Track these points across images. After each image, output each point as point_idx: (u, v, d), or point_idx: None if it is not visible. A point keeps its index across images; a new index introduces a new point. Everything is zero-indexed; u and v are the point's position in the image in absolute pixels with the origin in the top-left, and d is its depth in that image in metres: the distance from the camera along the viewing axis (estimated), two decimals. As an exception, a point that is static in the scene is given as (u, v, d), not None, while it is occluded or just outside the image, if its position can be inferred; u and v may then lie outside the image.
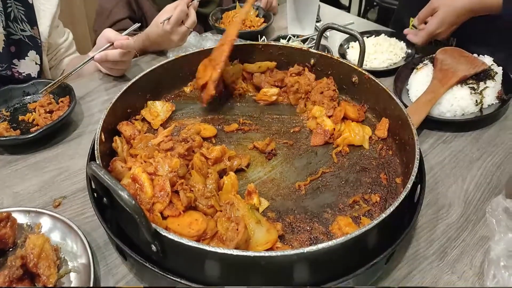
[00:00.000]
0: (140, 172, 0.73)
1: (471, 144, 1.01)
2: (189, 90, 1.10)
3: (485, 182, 0.90)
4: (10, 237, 0.73)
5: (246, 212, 0.71)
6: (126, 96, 0.93)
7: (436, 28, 1.21)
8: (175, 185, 0.73)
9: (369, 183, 0.84)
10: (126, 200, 0.58)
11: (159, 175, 0.73)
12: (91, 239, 0.76)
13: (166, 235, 0.61)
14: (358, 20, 1.64)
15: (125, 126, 0.91)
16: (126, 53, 1.18)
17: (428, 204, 0.85)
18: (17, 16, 1.21)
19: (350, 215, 0.77)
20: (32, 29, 1.24)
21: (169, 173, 0.74)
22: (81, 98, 1.17)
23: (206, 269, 0.63)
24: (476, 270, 0.73)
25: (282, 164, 0.89)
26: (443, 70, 1.10)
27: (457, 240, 0.78)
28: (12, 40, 1.21)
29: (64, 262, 0.72)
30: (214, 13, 1.57)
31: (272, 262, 0.60)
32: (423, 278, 0.72)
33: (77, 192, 0.89)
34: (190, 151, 0.82)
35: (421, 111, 1.01)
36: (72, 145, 1.02)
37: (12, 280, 0.65)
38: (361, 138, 0.92)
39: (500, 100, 1.08)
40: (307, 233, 0.74)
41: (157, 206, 0.70)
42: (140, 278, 0.72)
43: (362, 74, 0.98)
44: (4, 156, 0.98)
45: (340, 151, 0.92)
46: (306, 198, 0.81)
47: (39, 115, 1.05)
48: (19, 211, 0.78)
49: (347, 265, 0.63)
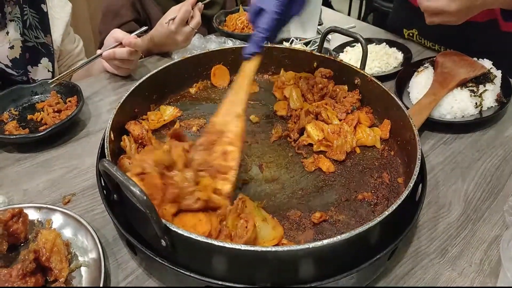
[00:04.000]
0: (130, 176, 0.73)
1: (470, 145, 1.03)
2: (194, 91, 1.12)
3: (485, 183, 0.92)
4: (22, 232, 0.75)
5: (253, 210, 0.73)
6: (134, 96, 0.95)
7: (448, 3, 1.02)
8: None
9: (372, 182, 0.87)
10: (138, 196, 0.60)
11: (148, 172, 0.71)
12: (100, 235, 0.78)
13: (176, 230, 0.63)
14: (360, 24, 1.66)
15: (133, 125, 0.93)
16: (133, 52, 1.20)
17: (429, 203, 0.87)
18: (32, 23, 1.24)
19: (353, 212, 0.79)
20: (46, 36, 1.27)
21: (155, 167, 0.74)
22: (88, 98, 1.19)
23: (214, 263, 0.65)
24: (476, 267, 0.75)
25: (286, 163, 0.91)
26: (443, 73, 1.13)
27: (457, 238, 0.80)
28: (26, 47, 1.23)
29: (74, 257, 0.74)
30: (218, 16, 1.60)
31: (278, 257, 0.62)
32: (425, 274, 0.74)
33: (86, 189, 0.91)
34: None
35: (422, 113, 1.03)
36: (80, 144, 1.04)
37: (26, 274, 0.66)
38: (373, 138, 0.94)
39: (499, 102, 1.10)
40: (312, 230, 0.76)
41: (154, 202, 0.70)
42: (149, 273, 0.74)
43: (365, 76, 1.00)
44: (13, 154, 1.00)
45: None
46: (311, 196, 0.83)
47: (47, 114, 1.07)
48: (30, 207, 0.79)
49: (351, 260, 0.65)
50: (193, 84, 1.13)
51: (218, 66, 1.14)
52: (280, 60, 1.15)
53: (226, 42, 1.42)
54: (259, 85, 1.15)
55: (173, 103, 1.06)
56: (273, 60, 1.15)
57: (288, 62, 1.14)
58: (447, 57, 1.17)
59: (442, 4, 1.02)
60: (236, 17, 1.58)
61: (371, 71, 1.30)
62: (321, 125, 0.96)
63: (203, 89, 1.13)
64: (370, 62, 1.32)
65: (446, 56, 1.18)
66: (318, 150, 0.93)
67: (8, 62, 1.20)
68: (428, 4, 1.05)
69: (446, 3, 1.02)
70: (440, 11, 1.04)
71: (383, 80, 1.24)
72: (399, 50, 1.39)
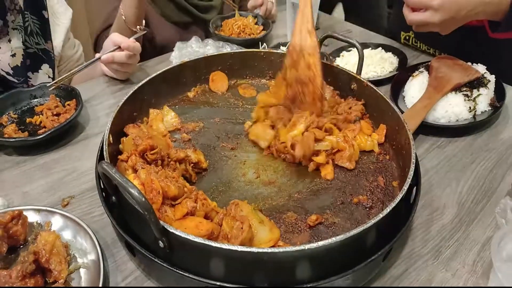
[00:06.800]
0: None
1: (464, 149, 1.04)
2: (192, 95, 1.14)
3: (478, 186, 0.94)
4: (22, 234, 0.76)
5: (249, 213, 0.74)
6: (132, 99, 0.96)
7: (431, 15, 1.03)
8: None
9: (368, 186, 0.88)
10: (136, 197, 0.61)
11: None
12: (99, 237, 0.78)
13: (174, 231, 0.64)
14: (356, 28, 1.68)
15: (132, 128, 0.94)
16: (132, 56, 1.22)
17: (423, 205, 0.89)
18: (33, 30, 1.25)
19: (349, 215, 0.81)
20: (46, 42, 1.28)
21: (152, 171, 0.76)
22: (87, 101, 1.20)
23: (212, 264, 0.66)
24: (469, 268, 0.76)
25: (283, 167, 0.93)
26: (438, 77, 1.14)
27: (450, 240, 0.82)
28: (27, 53, 1.24)
29: (74, 258, 0.75)
30: (214, 21, 1.61)
31: (274, 258, 0.63)
32: (419, 275, 0.75)
33: (85, 192, 0.91)
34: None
35: (417, 117, 1.05)
36: (79, 147, 1.05)
37: (25, 275, 0.67)
38: (371, 143, 0.95)
39: (493, 107, 1.12)
40: (308, 233, 0.78)
41: (153, 207, 0.72)
42: (147, 274, 0.75)
43: (361, 81, 1.02)
44: (12, 157, 1.01)
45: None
46: (307, 199, 0.85)
47: (46, 118, 1.08)
48: (30, 210, 0.80)
49: (346, 262, 0.66)
50: (192, 88, 1.14)
51: (216, 72, 1.15)
52: (277, 65, 1.16)
53: (224, 46, 1.43)
54: (256, 89, 1.17)
55: (171, 107, 1.07)
56: (271, 65, 1.16)
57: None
58: (442, 62, 1.19)
59: (425, 17, 1.04)
60: (232, 22, 1.59)
61: (367, 76, 1.31)
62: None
63: (201, 93, 1.14)
64: (365, 66, 1.32)
65: (440, 61, 1.19)
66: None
67: (9, 70, 1.21)
68: (412, 17, 1.07)
69: (429, 15, 1.03)
70: (425, 23, 1.06)
71: (379, 84, 1.25)
72: (395, 55, 1.40)
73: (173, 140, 0.97)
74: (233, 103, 1.12)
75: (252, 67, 1.18)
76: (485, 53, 1.24)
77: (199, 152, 0.92)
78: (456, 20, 1.06)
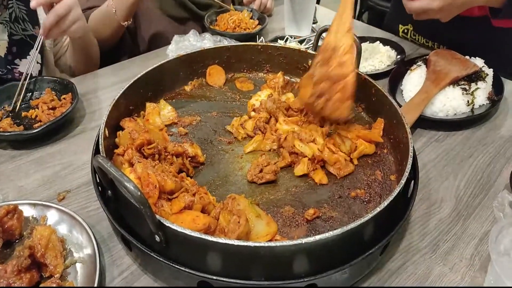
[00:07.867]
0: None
1: (462, 142, 1.04)
2: (189, 89, 1.13)
3: (476, 179, 0.94)
4: (17, 228, 0.75)
5: (247, 207, 0.74)
6: (129, 93, 0.96)
7: (430, 1, 1.03)
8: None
9: (365, 180, 0.88)
10: (132, 191, 0.60)
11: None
12: (95, 231, 0.78)
13: (169, 225, 0.63)
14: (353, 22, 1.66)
15: (128, 122, 0.93)
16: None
17: (421, 199, 0.89)
18: (19, 16, 1.23)
19: (346, 209, 0.80)
20: (34, 28, 1.26)
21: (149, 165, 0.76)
22: (83, 95, 1.19)
23: (208, 258, 0.66)
24: (467, 262, 0.76)
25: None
26: (436, 71, 1.14)
27: (448, 233, 0.81)
28: (13, 40, 1.22)
29: (69, 253, 0.74)
30: (209, 15, 1.59)
31: (271, 253, 0.63)
32: (416, 269, 0.75)
33: (81, 186, 0.91)
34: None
35: (415, 111, 1.04)
36: (74, 141, 1.04)
37: (21, 270, 0.67)
38: (372, 146, 0.94)
39: (491, 100, 1.11)
40: (305, 227, 0.77)
41: (150, 201, 0.72)
42: (144, 268, 0.74)
43: (359, 75, 1.01)
44: (7, 151, 1.00)
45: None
46: (304, 193, 0.84)
47: (42, 112, 1.07)
48: (25, 204, 0.79)
49: (344, 256, 0.66)
50: (189, 82, 1.14)
51: (213, 66, 1.15)
52: (275, 58, 1.15)
53: (221, 40, 1.42)
54: (253, 83, 1.16)
55: (168, 101, 1.07)
56: (268, 58, 1.16)
57: (283, 60, 1.15)
58: (440, 56, 1.18)
59: (424, 3, 1.04)
60: (227, 16, 1.57)
61: (365, 69, 1.31)
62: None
63: (198, 87, 1.14)
64: (363, 60, 1.32)
65: (438, 55, 1.19)
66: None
67: None
68: (411, 5, 1.06)
69: (428, 1, 1.03)
70: (424, 10, 1.05)
71: (377, 78, 1.24)
72: (393, 49, 1.39)
73: (169, 134, 0.97)
74: (230, 96, 1.12)
75: (249, 60, 1.17)
76: (484, 46, 1.24)
77: (196, 146, 0.91)
78: (455, 6, 1.05)
